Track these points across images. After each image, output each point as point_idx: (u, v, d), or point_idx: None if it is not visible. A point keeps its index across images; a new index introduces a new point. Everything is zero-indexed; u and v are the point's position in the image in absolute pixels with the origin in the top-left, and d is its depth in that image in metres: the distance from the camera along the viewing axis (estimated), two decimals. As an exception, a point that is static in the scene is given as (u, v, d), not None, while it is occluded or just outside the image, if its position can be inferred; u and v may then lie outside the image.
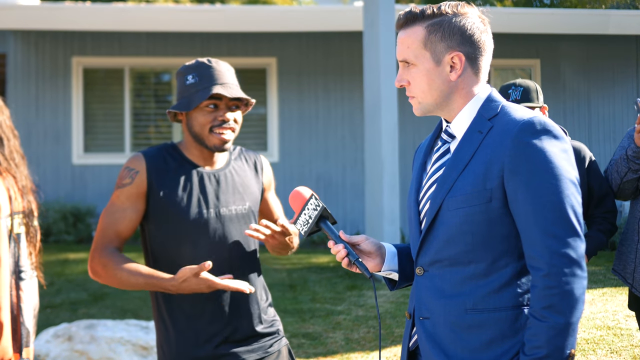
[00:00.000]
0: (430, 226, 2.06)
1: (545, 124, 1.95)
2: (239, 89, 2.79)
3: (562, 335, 1.87)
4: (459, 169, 2.01)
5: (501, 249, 1.98)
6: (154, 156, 2.77)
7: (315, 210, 2.17)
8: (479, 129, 2.02)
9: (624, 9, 14.55)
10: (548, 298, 1.87)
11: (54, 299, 7.38)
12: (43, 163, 11.06)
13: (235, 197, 2.81)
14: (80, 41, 11.56)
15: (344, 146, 11.65)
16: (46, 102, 11.45)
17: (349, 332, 6.17)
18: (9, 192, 2.45)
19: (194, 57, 11.65)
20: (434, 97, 2.07)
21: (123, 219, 2.73)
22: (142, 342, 5.64)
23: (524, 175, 1.91)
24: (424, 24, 2.05)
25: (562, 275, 1.87)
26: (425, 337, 2.06)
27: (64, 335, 5.62)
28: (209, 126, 2.73)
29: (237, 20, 10.95)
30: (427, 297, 2.07)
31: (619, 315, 6.09)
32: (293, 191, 2.26)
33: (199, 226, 2.73)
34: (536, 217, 1.90)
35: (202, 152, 2.81)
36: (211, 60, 2.80)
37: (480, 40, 2.05)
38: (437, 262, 2.05)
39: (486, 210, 1.96)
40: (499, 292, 1.97)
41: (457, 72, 2.04)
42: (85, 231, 10.82)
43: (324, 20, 10.98)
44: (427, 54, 2.04)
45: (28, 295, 2.50)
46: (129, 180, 2.74)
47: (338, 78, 11.73)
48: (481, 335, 1.97)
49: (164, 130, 11.99)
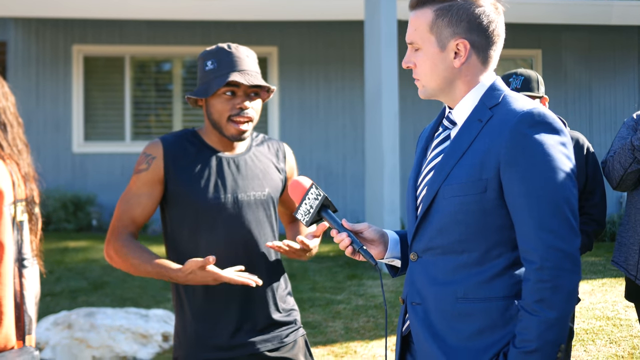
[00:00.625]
0: (426, 213, 2.05)
1: (544, 116, 1.93)
2: (259, 76, 2.74)
3: (553, 329, 1.86)
4: (456, 156, 2.00)
5: (495, 240, 1.97)
6: (172, 142, 2.76)
7: (317, 200, 2.17)
8: (479, 117, 2.01)
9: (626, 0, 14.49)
10: (540, 292, 1.86)
11: (53, 287, 7.38)
12: (43, 151, 11.05)
13: (254, 183, 2.77)
14: (80, 29, 11.53)
15: (345, 136, 11.64)
16: (46, 91, 11.43)
17: (348, 322, 6.18)
18: (13, 178, 2.45)
19: (195, 45, 11.64)
20: (437, 82, 2.06)
21: (138, 205, 2.73)
22: (141, 330, 5.64)
23: (520, 167, 1.90)
24: (434, 7, 2.03)
25: (555, 269, 1.86)
26: (417, 323, 2.06)
27: (63, 323, 5.63)
28: (227, 115, 2.70)
29: (238, 9, 10.91)
30: (420, 283, 2.07)
31: (618, 305, 6.10)
32: (292, 181, 2.25)
33: (216, 211, 2.70)
34: (531, 210, 1.89)
35: (221, 138, 2.78)
36: (231, 45, 2.75)
37: (489, 29, 2.02)
38: (430, 249, 2.05)
39: (481, 200, 1.95)
40: (490, 282, 1.96)
41: (461, 60, 2.02)
42: (85, 220, 10.82)
43: (325, 10, 10.94)
44: (433, 38, 2.03)
45: (30, 283, 2.50)
46: (145, 166, 2.73)
47: (339, 67, 11.70)
48: (471, 324, 1.97)
49: (164, 119, 11.98)
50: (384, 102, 8.13)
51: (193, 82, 12.01)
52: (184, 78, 12.07)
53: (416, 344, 2.07)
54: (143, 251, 2.67)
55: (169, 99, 11.96)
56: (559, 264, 1.86)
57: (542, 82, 3.87)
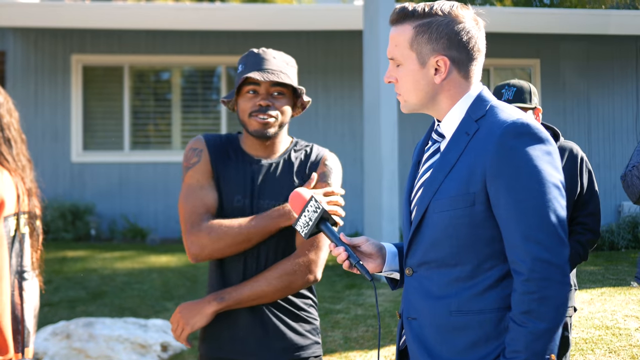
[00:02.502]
0: (418, 228, 2.05)
1: (529, 127, 1.92)
2: (282, 75, 2.72)
3: (541, 340, 1.86)
4: (445, 171, 2.00)
5: (486, 252, 1.96)
6: (214, 140, 2.79)
7: (315, 212, 2.16)
8: (466, 130, 2.01)
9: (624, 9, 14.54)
10: (527, 303, 1.86)
11: (52, 297, 7.37)
12: (42, 161, 11.05)
13: (275, 191, 2.74)
14: (79, 39, 11.55)
15: (343, 145, 11.64)
16: (45, 100, 11.44)
17: (347, 331, 6.17)
18: (18, 191, 2.46)
19: (194, 55, 11.66)
20: (419, 98, 2.06)
21: (207, 194, 2.71)
22: (140, 340, 5.63)
23: (506, 179, 1.90)
24: (413, 24, 2.02)
25: (542, 280, 1.86)
26: (412, 338, 2.06)
27: (62, 333, 5.62)
28: (249, 112, 2.71)
29: (237, 19, 10.94)
30: (415, 298, 2.07)
31: (617, 315, 6.09)
32: (293, 192, 2.25)
33: (232, 213, 2.69)
34: (518, 221, 1.88)
35: (254, 143, 2.77)
36: (262, 49, 2.78)
37: (469, 45, 2.01)
38: (424, 264, 2.05)
39: (470, 214, 1.95)
40: (483, 294, 1.96)
41: (442, 76, 2.02)
42: (83, 229, 10.82)
43: (324, 19, 10.96)
44: (413, 55, 2.03)
45: (30, 296, 2.50)
46: (196, 159, 2.74)
47: (338, 76, 11.72)
48: (465, 337, 1.97)
49: (163, 129, 11.98)
50: (382, 111, 8.14)
51: (192, 91, 12.03)
52: (182, 87, 12.08)
53: (412, 358, 2.07)
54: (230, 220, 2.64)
55: (168, 109, 11.96)
56: (546, 275, 1.86)
57: (535, 92, 3.85)
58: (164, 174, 11.47)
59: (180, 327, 2.65)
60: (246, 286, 2.63)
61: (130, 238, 11.08)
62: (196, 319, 2.63)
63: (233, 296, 2.63)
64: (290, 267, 2.65)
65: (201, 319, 2.63)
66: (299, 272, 2.66)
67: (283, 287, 2.64)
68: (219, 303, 2.63)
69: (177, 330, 2.66)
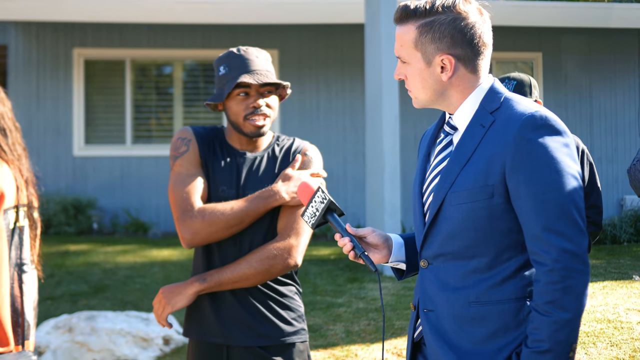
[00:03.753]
0: (434, 220, 2.06)
1: (547, 119, 1.94)
2: (270, 74, 2.81)
3: (565, 330, 1.88)
4: (461, 163, 2.01)
5: (504, 244, 1.98)
6: (201, 133, 2.86)
7: (322, 203, 2.18)
8: (481, 122, 2.02)
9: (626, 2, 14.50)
10: (551, 293, 1.88)
11: (54, 290, 7.38)
12: (44, 155, 11.05)
13: (259, 184, 2.81)
14: (81, 33, 11.54)
15: (345, 138, 11.64)
16: (47, 94, 11.44)
17: (349, 325, 6.17)
18: (17, 182, 2.46)
19: (196, 49, 11.66)
20: (428, 95, 2.07)
21: (197, 181, 2.77)
22: (142, 334, 5.64)
23: (526, 172, 1.92)
24: (416, 24, 2.03)
25: (566, 270, 1.88)
26: (430, 329, 2.07)
27: (64, 327, 5.63)
28: (243, 114, 2.78)
29: (238, 12, 10.92)
30: (432, 290, 2.08)
31: (619, 308, 6.09)
32: (301, 183, 2.27)
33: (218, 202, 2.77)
34: (538, 213, 1.90)
35: (240, 138, 2.86)
36: (241, 48, 2.84)
37: (474, 41, 2.02)
38: (440, 256, 2.06)
39: (488, 206, 1.97)
40: (502, 285, 1.98)
41: (448, 74, 2.03)
42: (85, 223, 10.82)
43: (325, 13, 10.95)
44: (418, 55, 2.04)
45: (29, 288, 2.50)
46: (185, 148, 2.81)
47: (339, 70, 11.71)
48: (485, 327, 1.98)
49: (165, 123, 11.99)
50: (384, 104, 8.14)
51: (194, 85, 12.02)
52: (184, 81, 12.08)
53: (429, 350, 2.08)
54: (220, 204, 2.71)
55: (170, 102, 11.96)
56: (568, 265, 1.88)
57: (535, 85, 3.84)
58: (165, 168, 11.47)
59: (162, 307, 2.72)
60: (228, 269, 2.70)
61: (132, 232, 11.09)
62: (177, 298, 2.70)
63: (215, 278, 2.70)
64: (271, 252, 2.72)
65: (182, 299, 2.70)
66: (279, 257, 2.72)
67: (263, 271, 2.70)
68: (201, 284, 2.70)
69: (159, 310, 2.73)
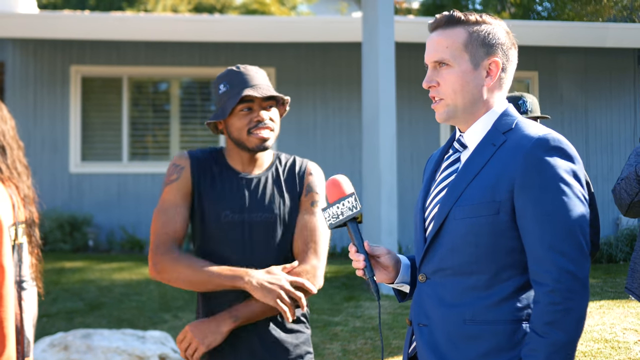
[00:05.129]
0: (436, 234, 2.06)
1: (560, 142, 1.97)
2: (271, 89, 2.81)
3: (562, 352, 1.87)
4: (468, 178, 2.02)
5: (505, 262, 1.98)
6: (198, 156, 2.83)
7: (351, 211, 2.14)
8: (492, 141, 2.04)
9: (622, 22, 14.58)
10: (552, 314, 1.87)
11: (50, 308, 7.35)
12: (40, 171, 11.04)
13: (264, 205, 2.78)
14: (78, 50, 11.56)
15: (342, 156, 11.65)
16: (44, 111, 11.44)
17: (346, 344, 6.15)
18: (12, 200, 2.45)
19: (193, 66, 11.68)
20: (465, 100, 2.07)
21: (177, 215, 2.75)
22: (138, 352, 5.61)
23: (535, 191, 1.92)
24: (467, 27, 2.07)
25: (567, 292, 1.87)
26: (423, 344, 2.07)
27: (60, 345, 5.60)
28: (247, 129, 2.76)
29: (235, 31, 10.96)
30: (428, 305, 2.08)
31: (616, 328, 6.08)
32: (332, 179, 2.22)
33: (223, 229, 2.75)
34: (544, 232, 1.91)
35: (242, 157, 2.82)
36: (239, 66, 2.84)
37: (511, 54, 2.11)
38: (440, 271, 2.06)
39: (493, 222, 1.97)
40: (498, 305, 1.97)
41: (493, 79, 2.07)
42: (81, 240, 10.80)
43: (322, 31, 10.99)
44: (467, 56, 2.06)
45: (28, 305, 2.50)
46: (175, 176, 2.79)
47: (336, 88, 11.74)
48: (478, 346, 1.97)
49: (161, 140, 11.99)
50: (381, 122, 8.15)
51: (190, 102, 12.04)
52: (181, 98, 12.10)
53: None
54: (199, 261, 2.68)
55: (167, 120, 11.97)
56: (570, 286, 1.88)
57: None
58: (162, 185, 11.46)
59: (193, 347, 2.63)
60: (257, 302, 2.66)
61: (128, 249, 11.06)
62: (211, 338, 2.63)
63: (245, 313, 2.66)
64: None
65: (216, 338, 2.64)
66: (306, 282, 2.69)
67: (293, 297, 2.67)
68: (234, 322, 2.65)
69: (190, 350, 2.64)
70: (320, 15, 22.42)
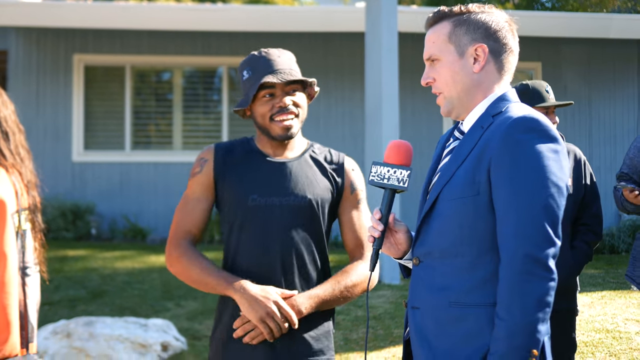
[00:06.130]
0: (426, 216, 2.09)
1: (539, 123, 1.95)
2: (294, 72, 2.76)
3: (520, 335, 1.87)
4: (458, 161, 2.04)
5: (486, 245, 1.98)
6: (225, 147, 2.82)
7: (398, 183, 2.12)
8: (481, 124, 2.05)
9: (625, 13, 14.55)
10: (509, 296, 1.89)
11: (52, 295, 7.37)
12: (43, 160, 11.03)
13: (296, 189, 2.74)
14: (81, 39, 11.55)
15: (344, 146, 11.63)
16: (47, 99, 11.44)
17: (348, 332, 6.17)
18: (15, 187, 2.45)
19: (196, 56, 11.66)
20: (457, 90, 2.09)
21: (196, 209, 2.77)
22: (140, 340, 5.64)
23: (507, 171, 1.92)
24: (451, 19, 2.10)
25: (525, 274, 1.88)
26: (414, 326, 2.09)
27: (62, 332, 5.62)
28: (269, 115, 2.72)
29: (238, 20, 10.94)
30: (419, 288, 2.10)
31: (617, 318, 6.09)
32: (403, 143, 2.19)
33: (253, 213, 2.71)
34: (509, 213, 1.91)
35: (271, 142, 2.79)
36: (262, 50, 2.79)
37: (504, 37, 2.09)
38: (430, 254, 2.07)
39: (474, 203, 1.98)
40: (481, 288, 1.98)
41: (480, 64, 2.07)
42: (84, 228, 10.82)
43: (325, 21, 10.97)
44: (452, 47, 2.08)
45: (32, 291, 2.50)
46: (199, 169, 2.80)
47: (339, 77, 11.72)
48: (462, 328, 1.98)
49: (164, 129, 11.99)
50: (384, 112, 8.14)
51: (193, 92, 12.03)
52: (184, 88, 12.09)
53: (413, 348, 2.10)
54: (202, 260, 2.69)
55: (169, 109, 11.97)
56: (527, 269, 1.88)
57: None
58: (164, 174, 11.48)
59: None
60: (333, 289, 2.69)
61: (130, 238, 11.08)
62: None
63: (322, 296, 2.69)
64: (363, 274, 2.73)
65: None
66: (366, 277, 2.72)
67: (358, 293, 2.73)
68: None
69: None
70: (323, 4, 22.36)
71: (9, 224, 2.38)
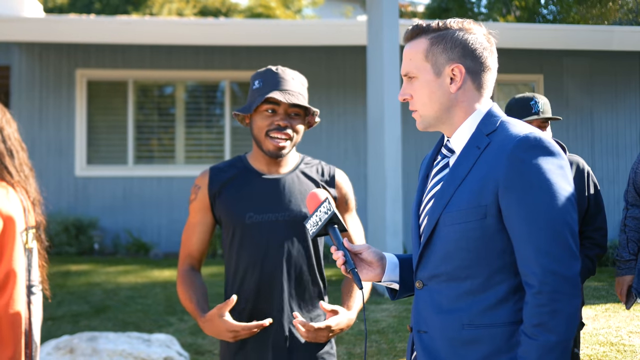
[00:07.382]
0: (428, 241, 2.07)
1: (541, 140, 1.94)
2: (301, 97, 2.81)
3: (553, 353, 1.87)
4: (455, 184, 2.02)
5: (497, 265, 1.97)
6: (218, 169, 2.90)
7: (326, 214, 2.19)
8: (477, 144, 2.03)
9: (627, 25, 14.57)
10: (538, 316, 1.87)
11: (55, 311, 7.36)
12: (46, 175, 11.06)
13: (290, 204, 2.81)
14: (84, 53, 11.59)
15: (347, 159, 11.65)
16: (50, 114, 11.47)
17: (351, 347, 6.15)
18: (23, 205, 2.45)
19: (198, 70, 11.70)
20: (434, 110, 2.08)
21: (194, 234, 2.90)
22: (143, 355, 5.62)
23: (518, 192, 1.91)
24: (428, 36, 2.07)
25: (553, 293, 1.87)
26: (423, 351, 2.07)
27: (65, 348, 5.61)
28: (266, 130, 2.78)
29: (240, 34, 10.98)
30: (426, 311, 2.08)
31: (622, 331, 6.07)
32: (310, 192, 2.28)
33: (251, 231, 2.78)
34: (530, 234, 1.90)
35: (264, 157, 2.86)
36: (279, 68, 2.85)
37: (482, 56, 2.06)
38: (435, 277, 2.06)
39: (481, 226, 1.96)
40: (495, 308, 1.97)
41: (457, 84, 2.04)
42: (87, 243, 10.82)
43: (327, 35, 11.00)
44: (428, 66, 2.06)
45: (36, 309, 2.50)
46: (194, 196, 2.90)
47: (341, 91, 11.75)
48: (477, 350, 1.97)
49: (167, 143, 12.01)
50: (386, 125, 8.15)
51: (196, 106, 12.06)
52: (186, 102, 12.12)
53: None
54: (190, 288, 2.80)
55: (172, 123, 11.99)
56: (557, 287, 1.87)
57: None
58: (167, 189, 11.49)
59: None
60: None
61: (133, 252, 11.08)
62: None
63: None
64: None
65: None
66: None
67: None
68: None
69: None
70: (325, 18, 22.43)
71: (18, 242, 2.38)
